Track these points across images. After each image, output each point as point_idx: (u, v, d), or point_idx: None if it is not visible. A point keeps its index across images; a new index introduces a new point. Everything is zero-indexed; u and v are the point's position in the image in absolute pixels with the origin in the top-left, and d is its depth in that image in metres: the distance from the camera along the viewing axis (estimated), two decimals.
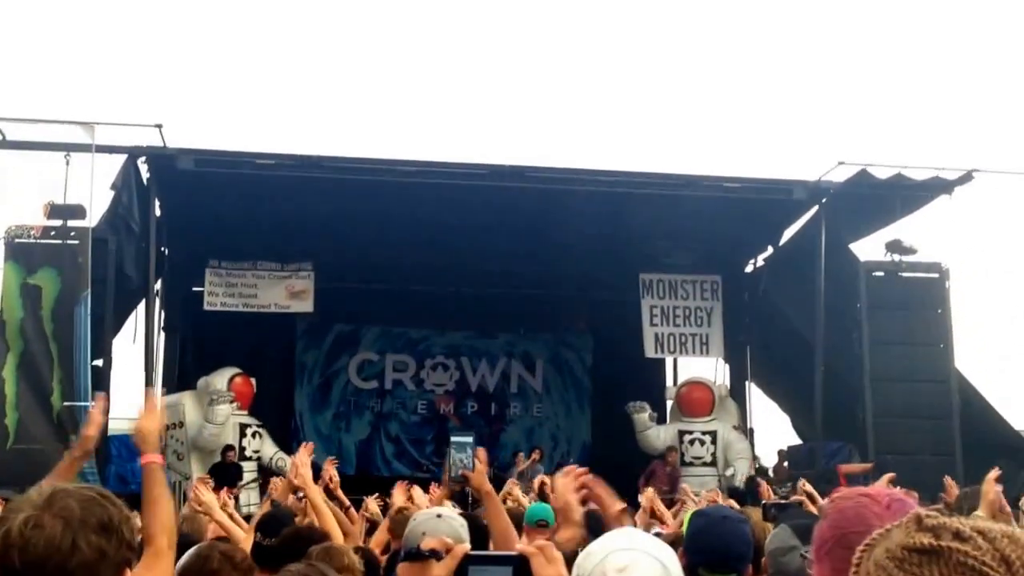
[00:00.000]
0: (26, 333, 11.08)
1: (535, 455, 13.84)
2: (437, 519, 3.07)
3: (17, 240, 11.42)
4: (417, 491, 6.15)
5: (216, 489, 6.37)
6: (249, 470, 13.68)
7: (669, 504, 9.64)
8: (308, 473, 4.73)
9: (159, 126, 11.97)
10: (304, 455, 5.59)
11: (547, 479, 7.71)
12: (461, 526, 3.06)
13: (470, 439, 3.93)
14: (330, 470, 6.51)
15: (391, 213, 13.27)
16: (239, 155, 12.77)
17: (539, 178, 12.93)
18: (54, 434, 10.55)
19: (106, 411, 3.30)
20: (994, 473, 3.55)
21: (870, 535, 1.23)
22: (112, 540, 1.71)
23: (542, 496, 7.71)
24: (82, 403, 10.71)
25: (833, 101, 34.13)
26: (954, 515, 1.20)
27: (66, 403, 10.86)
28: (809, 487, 5.55)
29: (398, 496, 5.93)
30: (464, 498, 8.89)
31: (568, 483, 2.62)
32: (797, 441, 15.38)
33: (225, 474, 11.78)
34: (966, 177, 12.78)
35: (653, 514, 6.23)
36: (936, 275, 13.25)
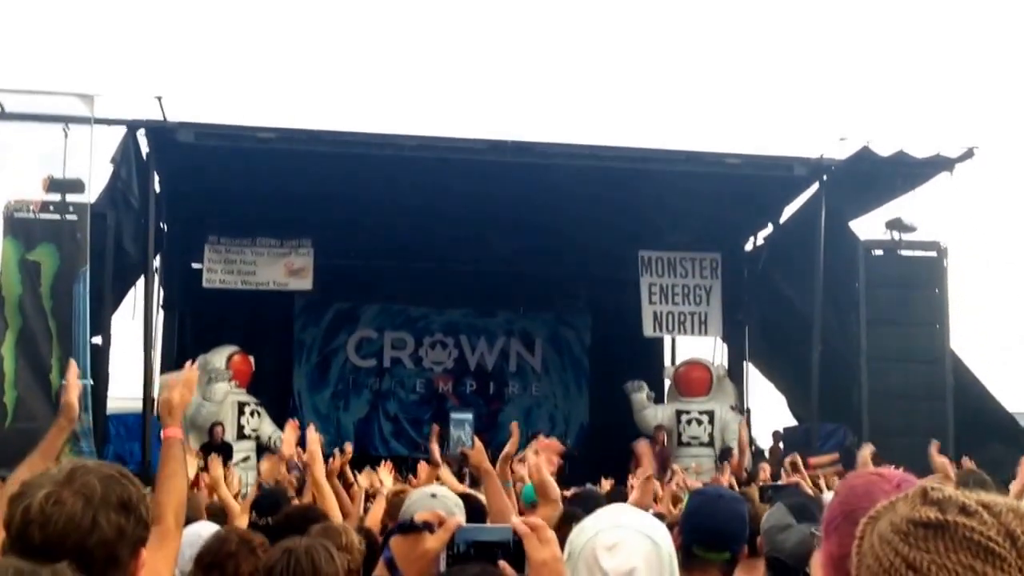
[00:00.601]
0: (25, 310, 11.09)
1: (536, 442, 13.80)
2: (431, 499, 3.10)
3: (16, 215, 11.40)
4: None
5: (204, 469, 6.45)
6: (247, 449, 13.75)
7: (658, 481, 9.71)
8: (316, 449, 4.76)
9: (159, 98, 11.94)
10: (290, 433, 5.66)
11: (530, 455, 7.73)
12: (456, 505, 3.09)
13: (469, 416, 3.99)
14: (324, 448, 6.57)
15: (391, 189, 13.27)
16: (239, 128, 12.74)
17: (540, 153, 12.91)
18: (53, 412, 10.54)
19: (78, 376, 3.25)
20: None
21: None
22: (131, 518, 1.73)
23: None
24: (81, 381, 10.73)
25: (835, 76, 34.00)
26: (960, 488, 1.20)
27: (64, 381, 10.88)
28: (798, 460, 5.61)
29: (385, 476, 6.00)
30: (461, 477, 8.96)
31: (541, 461, 2.63)
32: (793, 422, 15.44)
33: (214, 453, 11.84)
34: (967, 154, 12.73)
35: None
36: (934, 254, 13.26)
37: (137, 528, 1.75)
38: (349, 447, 7.08)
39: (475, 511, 3.39)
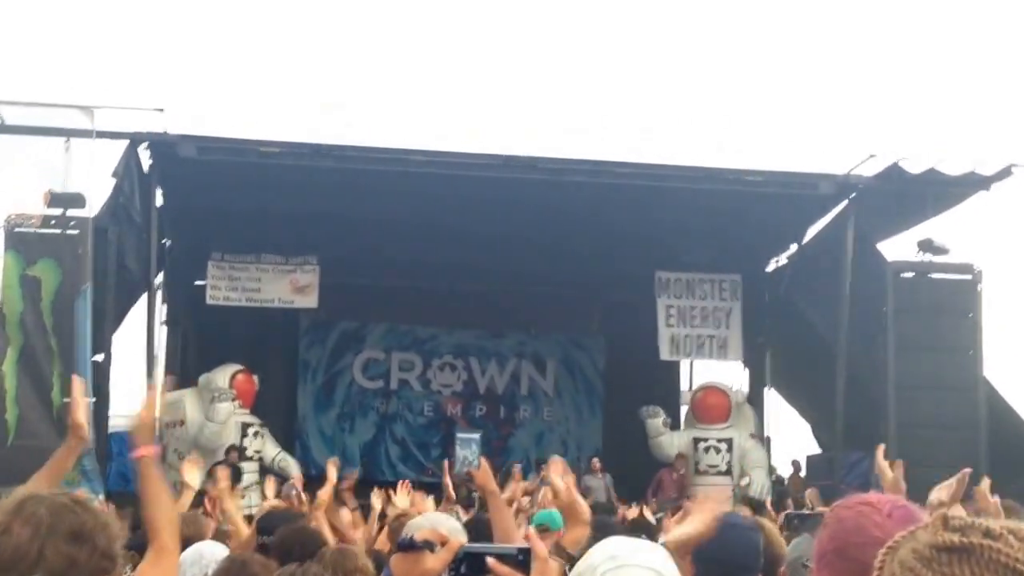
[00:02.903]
0: (26, 326, 11.20)
1: (544, 471, 13.64)
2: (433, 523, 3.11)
3: (17, 229, 11.52)
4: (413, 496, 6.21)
5: None
6: (250, 471, 13.79)
7: (677, 510, 9.70)
8: (326, 496, 4.88)
9: (160, 110, 12.05)
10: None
11: (555, 479, 7.73)
12: (458, 530, 3.10)
13: (475, 436, 4.02)
14: (331, 472, 6.61)
15: (399, 206, 13.32)
16: (243, 142, 12.82)
17: (553, 169, 12.93)
18: (55, 430, 10.65)
19: (84, 393, 3.26)
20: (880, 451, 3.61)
21: (871, 545, 1.25)
22: (84, 548, 1.74)
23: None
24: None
25: (864, 90, 33.98)
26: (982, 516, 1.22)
27: (66, 399, 10.97)
28: (814, 496, 5.58)
29: (401, 498, 6.02)
30: (471, 501, 8.96)
31: (570, 481, 2.65)
32: (817, 451, 15.35)
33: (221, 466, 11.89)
34: (1004, 172, 12.62)
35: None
36: (968, 277, 13.15)
37: (94, 558, 1.75)
38: (355, 474, 7.13)
39: (481, 533, 3.41)
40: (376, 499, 6.56)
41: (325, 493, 5.17)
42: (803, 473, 15.35)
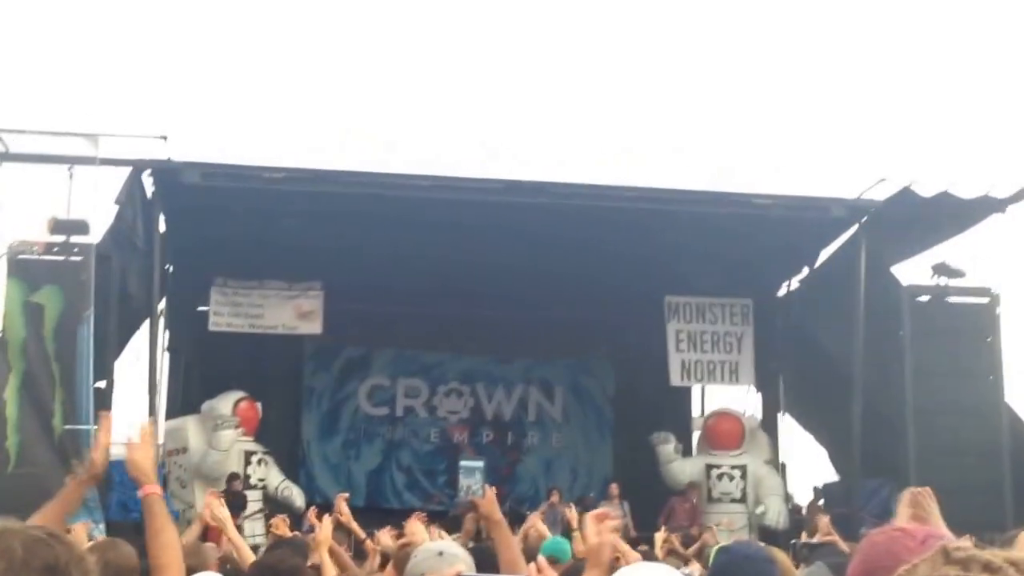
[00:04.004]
0: (28, 353, 11.24)
1: (553, 497, 13.64)
2: (438, 556, 3.05)
3: (20, 256, 11.60)
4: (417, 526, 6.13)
5: None
6: (254, 499, 13.75)
7: (692, 540, 9.64)
8: (326, 537, 4.86)
9: (164, 137, 12.15)
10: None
11: (573, 515, 7.70)
12: (464, 561, 3.05)
13: (480, 464, 4.00)
14: (340, 505, 6.59)
15: (404, 231, 13.36)
16: (246, 168, 12.91)
17: (559, 193, 12.97)
18: (56, 458, 10.65)
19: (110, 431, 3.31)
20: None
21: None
22: None
23: (565, 532, 7.73)
24: (84, 426, 10.82)
25: (876, 112, 34.05)
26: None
27: (67, 426, 10.98)
28: (827, 524, 5.53)
29: (417, 531, 5.93)
30: (478, 532, 8.91)
31: (604, 528, 2.63)
32: (834, 477, 15.24)
33: (229, 503, 11.84)
34: (1020, 194, 12.62)
35: (672, 553, 6.25)
36: (986, 300, 13.10)
37: None
38: (343, 497, 7.09)
39: (485, 563, 3.38)
40: (387, 537, 6.44)
41: (324, 532, 5.08)
42: (822, 501, 15.24)
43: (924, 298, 13.14)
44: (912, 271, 13.70)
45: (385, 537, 6.51)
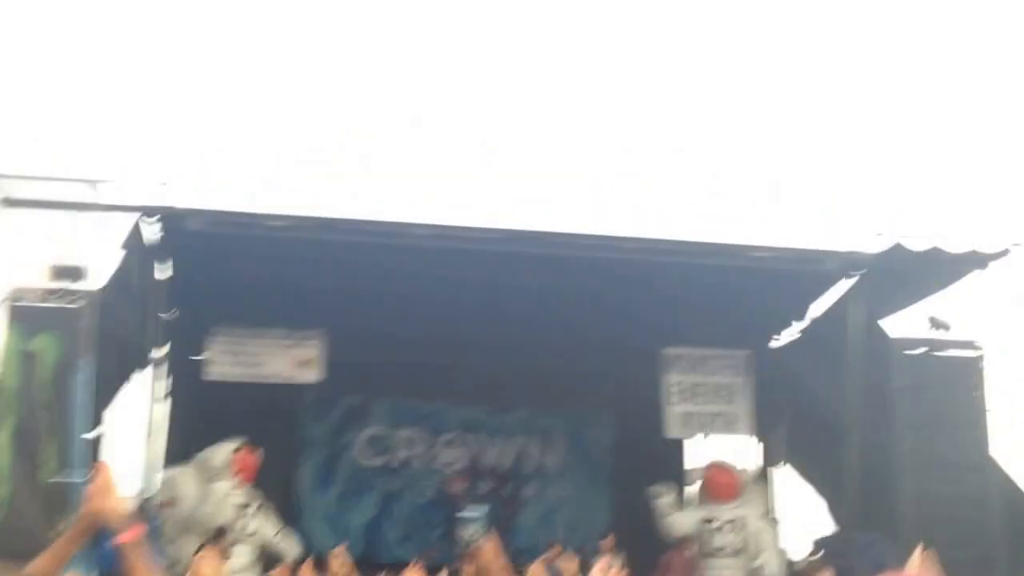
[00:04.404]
0: (22, 402, 11.20)
1: (553, 552, 13.57)
2: None
3: (18, 303, 11.61)
4: None
5: None
6: (248, 552, 13.62)
7: None
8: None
9: (164, 183, 12.24)
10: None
11: (572, 567, 7.67)
12: None
13: (478, 515, 4.02)
14: (333, 565, 6.58)
15: (404, 280, 13.43)
16: (249, 216, 12.97)
17: (558, 243, 13.03)
18: (46, 509, 10.58)
19: (107, 477, 3.26)
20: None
21: None
22: None
23: None
24: (74, 480, 10.76)
25: (869, 166, 34.32)
26: None
27: (56, 478, 10.92)
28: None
29: None
30: None
31: None
32: (830, 530, 15.18)
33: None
34: (1002, 252, 12.79)
35: None
36: (972, 354, 13.20)
37: None
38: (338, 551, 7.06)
39: None
40: None
41: None
42: (820, 554, 15.16)
43: (912, 351, 13.24)
44: (901, 325, 13.80)
45: None
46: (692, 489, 15.94)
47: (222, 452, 13.95)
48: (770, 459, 15.87)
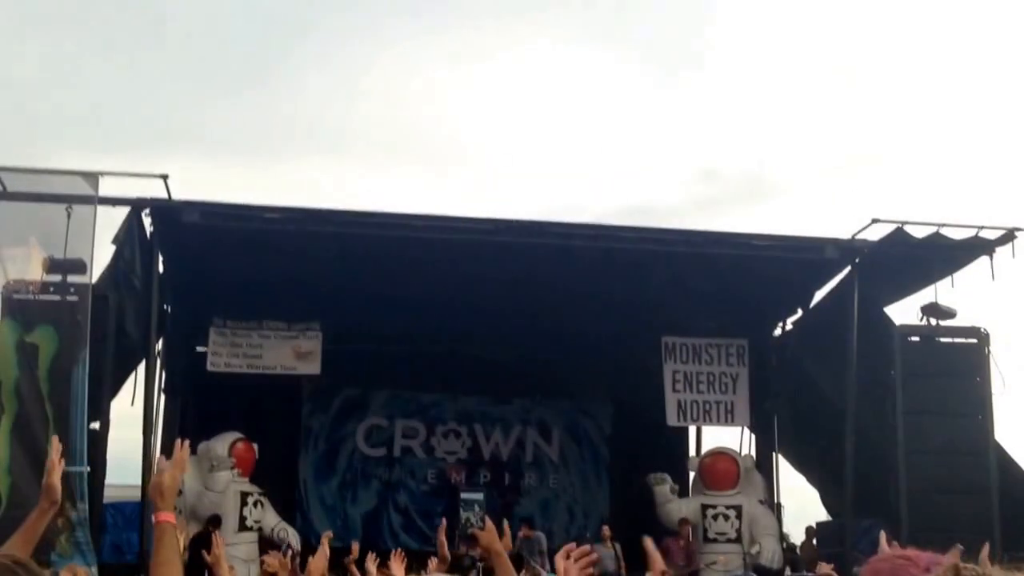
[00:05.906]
0: (21, 394, 11.16)
1: (524, 531, 13.96)
2: None
3: (15, 296, 11.56)
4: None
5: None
6: (249, 540, 13.64)
7: None
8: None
9: (164, 177, 12.17)
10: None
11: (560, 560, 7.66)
12: None
13: (479, 496, 4.01)
14: (324, 546, 6.58)
15: (403, 271, 13.39)
16: (245, 208, 12.91)
17: (556, 233, 12.98)
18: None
19: (60, 453, 3.20)
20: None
21: None
22: None
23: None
24: (77, 468, 10.75)
25: (867, 154, 34.34)
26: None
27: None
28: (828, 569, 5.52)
29: (397, 570, 5.93)
30: (455, 558, 8.86)
31: (571, 566, 2.63)
32: (827, 516, 15.19)
33: (205, 546, 11.71)
34: (1007, 236, 12.73)
35: None
36: (975, 340, 13.17)
37: None
38: (355, 547, 7.03)
39: None
40: (370, 563, 6.48)
41: (318, 565, 5.04)
42: (815, 540, 15.21)
43: (915, 338, 13.21)
44: (904, 311, 13.79)
45: (371, 564, 6.51)
46: (691, 476, 15.98)
47: (223, 442, 13.95)
48: (765, 448, 15.87)
